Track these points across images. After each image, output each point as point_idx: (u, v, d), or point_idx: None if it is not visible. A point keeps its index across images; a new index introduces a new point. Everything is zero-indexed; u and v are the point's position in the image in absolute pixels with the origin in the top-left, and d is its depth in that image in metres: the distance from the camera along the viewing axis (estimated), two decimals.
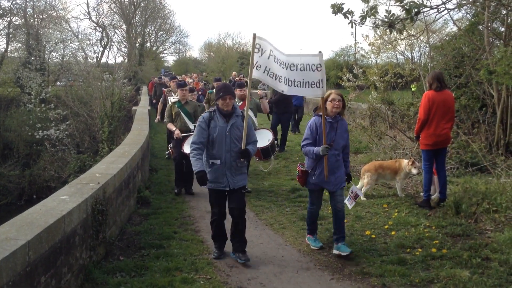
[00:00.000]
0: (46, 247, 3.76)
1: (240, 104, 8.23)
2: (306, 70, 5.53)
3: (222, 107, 5.38)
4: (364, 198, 7.85)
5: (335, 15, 5.77)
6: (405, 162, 7.84)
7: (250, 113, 8.00)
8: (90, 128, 19.80)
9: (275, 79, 5.59)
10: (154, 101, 20.14)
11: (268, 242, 6.22)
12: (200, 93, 15.41)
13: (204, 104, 11.29)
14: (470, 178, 7.60)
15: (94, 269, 4.92)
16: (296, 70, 5.54)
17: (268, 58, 5.56)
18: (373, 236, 6.21)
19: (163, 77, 21.80)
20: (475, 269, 4.97)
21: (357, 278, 5.00)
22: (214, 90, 11.25)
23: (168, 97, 11.11)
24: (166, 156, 12.14)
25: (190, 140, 7.56)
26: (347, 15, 5.78)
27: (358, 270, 5.16)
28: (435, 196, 7.33)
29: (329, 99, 5.54)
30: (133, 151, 7.90)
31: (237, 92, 8.35)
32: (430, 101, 6.86)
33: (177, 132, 8.59)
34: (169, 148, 8.93)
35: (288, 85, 5.58)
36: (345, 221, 6.78)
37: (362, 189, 7.96)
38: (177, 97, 9.51)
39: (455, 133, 9.36)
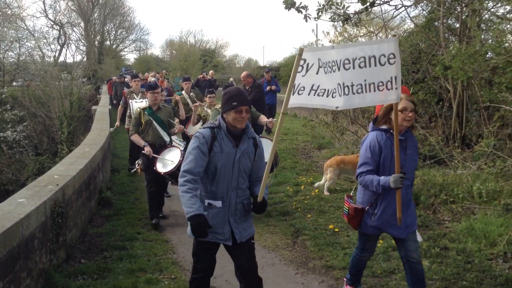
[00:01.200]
0: (4, 252, 3.64)
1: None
2: (370, 66, 3.75)
3: (233, 123, 3.56)
4: (328, 193, 7.96)
5: (288, 10, 5.82)
6: None
7: (208, 116, 7.57)
8: (49, 129, 19.28)
9: (326, 96, 3.82)
10: (115, 101, 18.38)
11: None
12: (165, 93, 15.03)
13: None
14: (428, 171, 7.81)
15: (54, 273, 4.80)
16: (353, 67, 3.74)
17: (317, 73, 3.78)
18: (336, 230, 6.31)
19: (124, 75, 21.14)
20: (434, 259, 5.14)
21: (321, 272, 5.08)
22: (183, 92, 10.44)
23: (130, 101, 9.44)
24: (132, 171, 10.11)
25: (166, 156, 6.83)
26: (300, 9, 5.84)
27: (322, 264, 5.24)
28: None
29: (399, 108, 3.91)
30: (93, 152, 7.74)
31: (207, 98, 7.42)
32: None
33: (148, 150, 6.72)
34: (137, 164, 7.26)
35: (344, 94, 3.75)
36: (309, 216, 6.87)
37: (325, 184, 8.08)
38: (141, 100, 8.85)
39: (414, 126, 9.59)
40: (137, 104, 8.83)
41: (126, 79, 19.57)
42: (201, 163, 3.50)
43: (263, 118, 7.12)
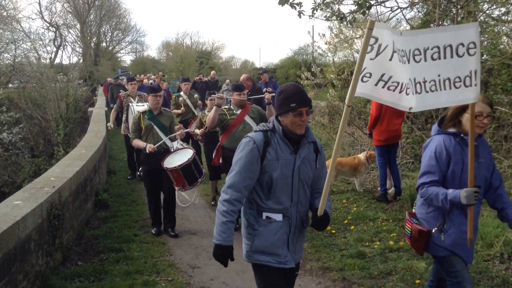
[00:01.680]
0: (0, 254, 3.63)
1: (239, 112, 6.35)
2: (445, 58, 3.03)
3: (291, 128, 3.00)
4: None
5: (282, 6, 5.83)
6: (362, 157, 8.02)
7: (252, 123, 6.33)
8: (45, 131, 19.22)
9: (399, 92, 3.03)
10: (112, 105, 18.40)
11: None
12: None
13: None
14: None
15: (51, 275, 4.79)
16: (425, 59, 3.02)
17: (391, 59, 2.95)
18: (333, 231, 6.31)
19: (120, 77, 20.92)
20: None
21: (318, 273, 5.08)
22: (181, 93, 10.11)
23: (130, 104, 8.85)
24: (129, 177, 10.11)
25: (175, 157, 6.29)
26: (294, 5, 5.85)
27: (319, 265, 5.25)
28: (391, 190, 7.53)
29: (476, 111, 3.23)
30: (89, 153, 7.72)
31: (235, 96, 6.39)
32: None
33: (149, 146, 6.21)
34: (140, 170, 6.71)
35: (417, 92, 3.01)
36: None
37: None
38: (142, 104, 8.53)
39: (410, 128, 9.63)
40: (139, 107, 8.29)
41: (122, 81, 19.40)
42: (249, 174, 2.97)
43: (270, 108, 6.65)
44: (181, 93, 10.22)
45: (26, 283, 4.20)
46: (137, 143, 6.41)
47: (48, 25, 39.63)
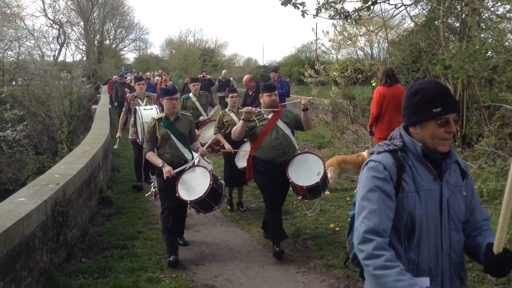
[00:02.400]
0: (4, 251, 3.64)
1: (269, 117, 5.50)
2: None
3: (434, 143, 2.15)
4: (328, 192, 7.96)
5: (285, 6, 5.81)
6: (365, 154, 8.01)
7: (285, 128, 5.50)
8: (49, 128, 19.26)
9: None
10: (116, 104, 17.13)
11: (234, 238, 6.22)
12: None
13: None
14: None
15: (55, 272, 4.80)
16: None
17: None
18: (337, 229, 6.30)
19: (125, 74, 20.68)
20: None
21: (322, 271, 5.07)
22: (190, 95, 8.72)
23: (137, 108, 7.90)
24: (135, 183, 9.03)
25: (190, 178, 5.40)
26: (297, 5, 5.84)
27: (323, 263, 5.24)
28: None
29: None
30: (93, 151, 7.74)
31: (265, 98, 5.60)
32: (381, 96, 6.98)
33: (167, 170, 5.18)
34: (152, 187, 5.98)
35: None
36: (309, 215, 6.88)
37: None
38: (150, 107, 7.85)
39: None
40: (146, 111, 7.61)
41: (127, 79, 19.17)
42: (388, 213, 2.08)
43: (306, 114, 5.60)
44: (190, 94, 8.82)
45: (31, 279, 4.21)
46: (153, 159, 5.37)
47: (51, 22, 39.83)
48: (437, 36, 9.97)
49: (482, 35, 9.13)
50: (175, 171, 5.28)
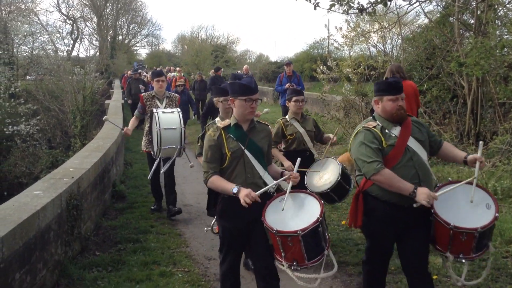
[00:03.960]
0: (20, 243, 3.69)
1: (398, 132, 3.57)
2: None
3: None
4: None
5: (297, 0, 5.80)
6: None
7: (420, 150, 3.58)
8: (62, 123, 19.43)
9: None
10: (129, 101, 16.62)
11: None
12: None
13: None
14: (442, 167, 7.75)
15: (69, 265, 4.85)
16: None
17: None
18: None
19: (140, 70, 19.73)
20: None
21: None
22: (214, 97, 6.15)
23: (155, 111, 6.22)
24: (153, 207, 7.31)
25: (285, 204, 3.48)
26: None
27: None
28: None
29: None
30: (107, 145, 7.80)
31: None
32: None
33: (245, 194, 3.35)
34: (212, 226, 4.62)
35: None
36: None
37: None
38: (170, 110, 6.35)
39: (427, 123, 9.54)
40: (166, 116, 6.17)
41: (142, 74, 18.51)
42: None
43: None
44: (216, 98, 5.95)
45: (45, 272, 4.26)
46: (220, 184, 3.57)
47: (65, 18, 40.08)
48: (452, 32, 9.89)
49: (497, 32, 9.04)
50: (257, 193, 3.38)
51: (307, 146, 5.45)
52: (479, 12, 9.03)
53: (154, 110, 6.28)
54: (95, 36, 43.59)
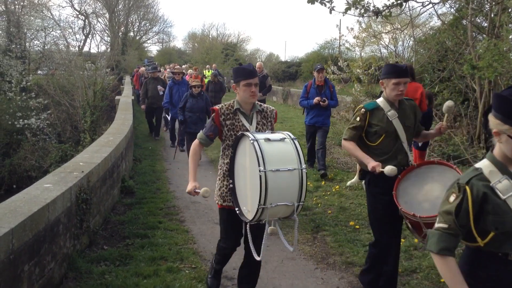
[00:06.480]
0: (30, 235, 3.71)
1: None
2: None
3: None
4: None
5: (312, 4, 5.76)
6: None
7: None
8: (72, 118, 19.54)
9: None
10: (143, 107, 14.07)
11: None
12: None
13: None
14: None
15: (78, 258, 4.88)
16: None
17: None
18: (357, 226, 6.27)
19: (159, 68, 18.24)
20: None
21: (341, 268, 5.06)
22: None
23: (245, 135, 3.51)
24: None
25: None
26: (325, 2, 5.79)
27: (342, 260, 5.22)
28: None
29: None
30: (117, 140, 7.83)
31: None
32: None
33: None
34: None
35: None
36: (329, 212, 6.87)
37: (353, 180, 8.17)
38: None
39: None
40: (272, 146, 3.54)
41: (163, 74, 16.77)
42: None
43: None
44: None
45: (54, 264, 4.29)
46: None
47: (77, 13, 40.23)
48: (465, 35, 9.82)
49: (510, 36, 8.97)
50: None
51: None
52: (492, 15, 8.96)
53: (249, 135, 3.44)
54: (107, 32, 43.81)
